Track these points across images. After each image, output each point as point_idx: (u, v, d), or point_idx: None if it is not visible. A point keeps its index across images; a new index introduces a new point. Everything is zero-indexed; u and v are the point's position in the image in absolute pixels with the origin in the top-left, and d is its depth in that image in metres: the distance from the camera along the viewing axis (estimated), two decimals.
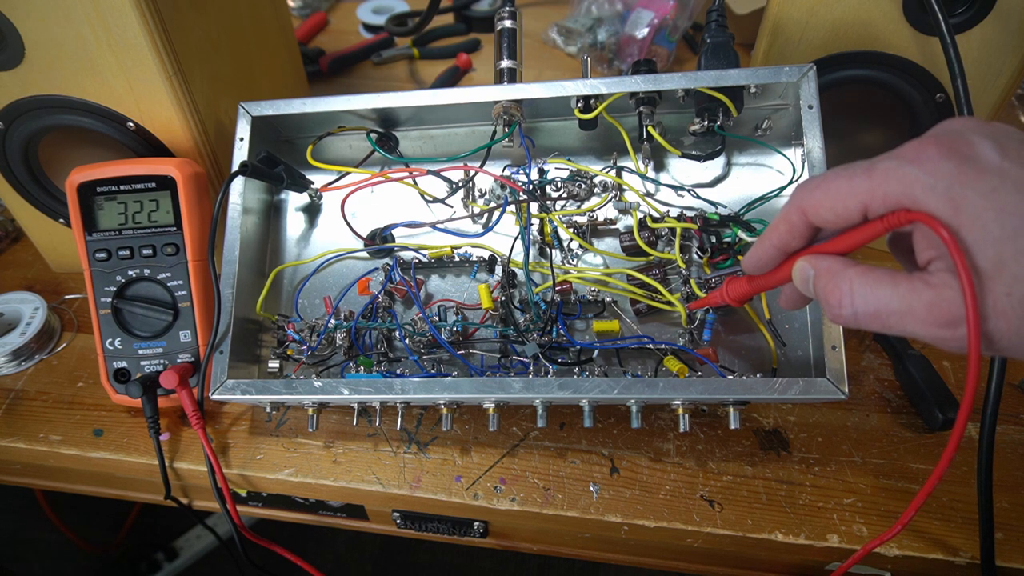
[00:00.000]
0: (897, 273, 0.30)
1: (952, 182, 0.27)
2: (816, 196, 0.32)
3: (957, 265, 0.27)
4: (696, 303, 0.51)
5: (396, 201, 0.61)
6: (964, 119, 0.31)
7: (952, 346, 0.28)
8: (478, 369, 0.54)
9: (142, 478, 0.63)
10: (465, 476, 0.55)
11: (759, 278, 0.40)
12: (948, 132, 0.30)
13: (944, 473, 0.34)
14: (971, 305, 0.26)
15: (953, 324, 0.28)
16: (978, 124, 0.30)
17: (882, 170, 0.29)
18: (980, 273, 0.27)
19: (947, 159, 0.28)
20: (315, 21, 1.09)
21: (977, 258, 0.27)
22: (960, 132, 0.29)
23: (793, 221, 0.34)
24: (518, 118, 0.55)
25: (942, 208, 0.27)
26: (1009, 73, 0.55)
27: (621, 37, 0.95)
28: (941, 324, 0.28)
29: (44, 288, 0.71)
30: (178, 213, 0.56)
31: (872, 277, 0.30)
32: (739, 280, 0.43)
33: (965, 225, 0.27)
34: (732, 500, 0.52)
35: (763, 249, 0.36)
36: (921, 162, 0.28)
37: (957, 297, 0.27)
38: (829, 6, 0.55)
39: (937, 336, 0.29)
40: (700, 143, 0.56)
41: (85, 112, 0.57)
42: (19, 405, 0.61)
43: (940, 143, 0.29)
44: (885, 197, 0.29)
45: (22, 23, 0.52)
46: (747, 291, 0.42)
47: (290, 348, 0.57)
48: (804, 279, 0.34)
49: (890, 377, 0.60)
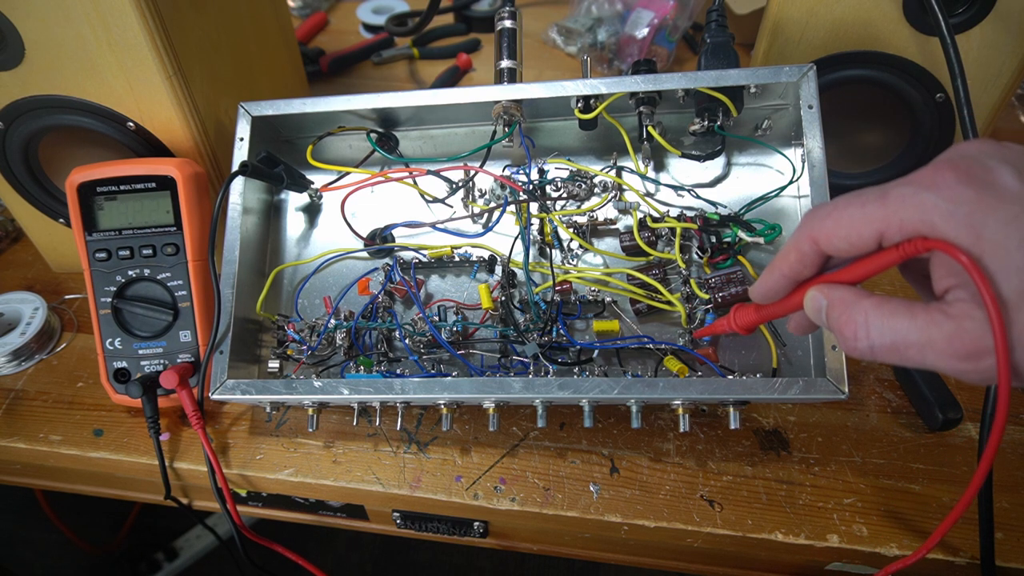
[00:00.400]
0: (914, 304, 0.29)
1: (972, 209, 0.26)
2: (828, 224, 0.31)
3: (983, 294, 0.26)
4: (702, 331, 0.50)
5: (396, 201, 0.61)
6: (979, 142, 0.30)
7: (974, 378, 0.28)
8: (478, 369, 0.54)
9: (142, 478, 0.63)
10: (465, 476, 0.55)
11: (768, 307, 0.38)
12: (964, 157, 0.29)
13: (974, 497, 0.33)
14: (999, 337, 0.25)
15: (976, 356, 0.27)
16: (995, 148, 0.29)
17: (897, 196, 0.28)
18: (1005, 303, 0.26)
19: (966, 185, 0.27)
20: (315, 21, 1.09)
21: (1001, 287, 0.26)
22: (977, 157, 0.28)
23: (804, 250, 0.32)
24: (518, 118, 0.55)
25: (963, 236, 0.26)
26: (1009, 73, 0.55)
27: (621, 37, 0.95)
28: (963, 356, 0.27)
29: (44, 288, 0.71)
30: (178, 213, 0.56)
31: (888, 308, 0.29)
32: (747, 308, 0.41)
33: (987, 253, 0.26)
34: (732, 500, 0.52)
35: (773, 279, 0.35)
36: (939, 188, 0.27)
37: (979, 328, 0.26)
38: (829, 6, 0.55)
39: (958, 369, 0.28)
40: (700, 143, 0.56)
41: (85, 112, 0.57)
42: (19, 405, 0.61)
43: (957, 168, 0.28)
44: (902, 224, 0.28)
45: (22, 23, 0.52)
46: (755, 320, 0.41)
47: (290, 348, 0.57)
48: (816, 309, 0.33)
49: (890, 377, 0.60)
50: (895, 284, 0.65)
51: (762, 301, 0.38)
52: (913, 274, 0.34)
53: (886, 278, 0.66)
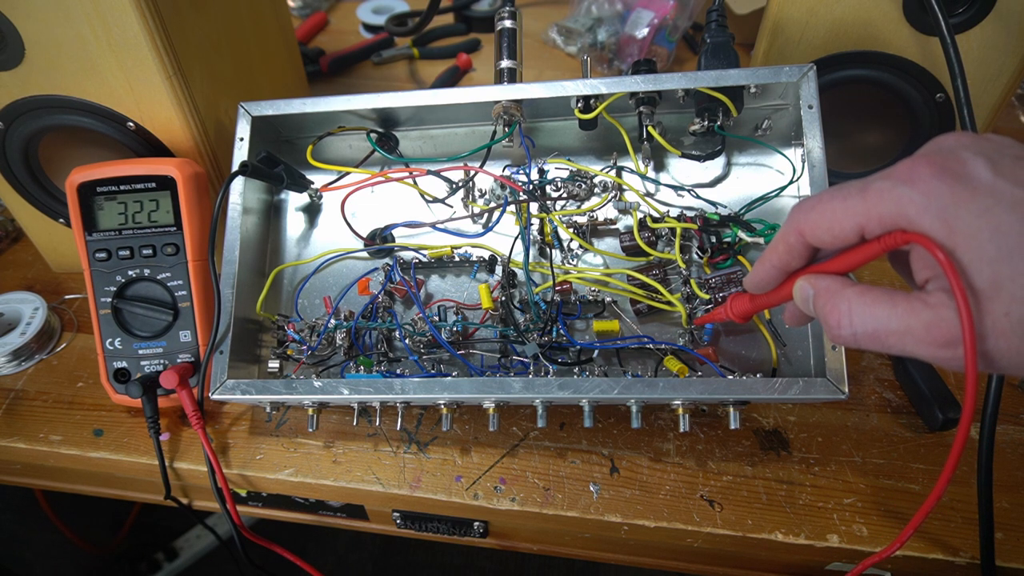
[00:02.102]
0: (895, 293, 0.30)
1: (945, 202, 0.27)
2: (812, 217, 0.32)
3: (953, 286, 0.27)
4: (701, 319, 0.51)
5: (396, 201, 0.61)
6: (957, 135, 0.30)
7: (953, 365, 0.29)
8: (478, 369, 0.54)
9: (142, 478, 0.63)
10: (465, 476, 0.55)
11: (761, 297, 0.40)
12: (940, 150, 0.29)
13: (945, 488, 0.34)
14: (967, 327, 0.26)
15: (953, 344, 0.28)
16: (971, 140, 0.30)
17: (876, 191, 0.29)
18: (977, 293, 0.27)
19: (939, 179, 0.28)
20: (315, 21, 1.09)
21: (974, 278, 0.27)
22: (952, 149, 0.29)
23: (791, 242, 0.34)
24: (518, 118, 0.55)
25: (936, 229, 0.27)
26: (1009, 73, 0.55)
27: (621, 37, 0.95)
28: (940, 344, 0.28)
29: (44, 288, 0.71)
30: (178, 213, 0.56)
31: (870, 297, 0.30)
32: (742, 297, 0.43)
33: (960, 246, 0.27)
34: (732, 500, 0.52)
35: (764, 269, 0.37)
36: (913, 182, 0.28)
37: (955, 317, 0.27)
38: (829, 6, 0.55)
39: (937, 356, 0.29)
40: (700, 143, 0.56)
41: (85, 112, 0.57)
42: (19, 405, 0.61)
43: (932, 162, 0.28)
44: (880, 218, 0.29)
45: (22, 23, 0.52)
46: (750, 309, 0.43)
47: (290, 348, 0.57)
48: (804, 298, 0.34)
49: (890, 377, 0.60)
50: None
51: (755, 291, 0.39)
52: (900, 264, 0.35)
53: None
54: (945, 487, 0.33)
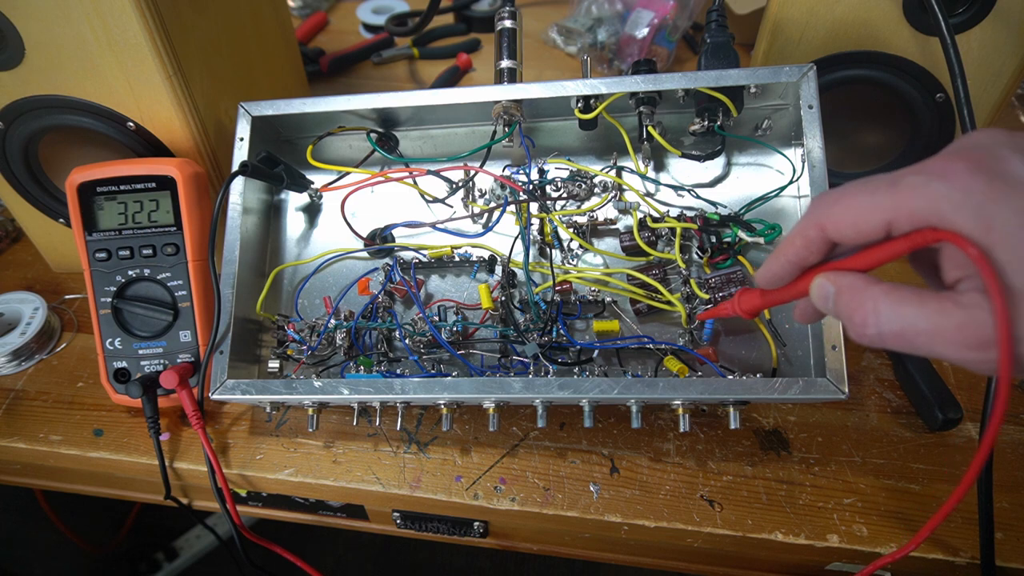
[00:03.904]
0: (924, 292, 0.29)
1: (983, 199, 0.26)
2: (836, 211, 0.30)
3: (989, 286, 0.25)
4: (706, 313, 0.50)
5: (396, 201, 0.61)
6: (992, 131, 0.29)
7: (983, 368, 0.27)
8: (478, 369, 0.54)
9: (142, 478, 0.63)
10: (465, 476, 0.55)
11: (772, 292, 0.38)
12: (976, 146, 0.28)
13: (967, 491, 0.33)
14: (1004, 329, 0.25)
15: (985, 346, 0.26)
16: (1007, 137, 0.28)
17: (908, 185, 0.28)
18: (1014, 294, 0.26)
19: (976, 175, 0.27)
20: (315, 21, 1.09)
21: (1011, 278, 0.26)
22: (989, 146, 0.28)
23: (810, 236, 0.32)
24: (518, 118, 0.55)
25: (972, 227, 0.26)
26: (1009, 73, 0.55)
27: (621, 37, 0.95)
28: (972, 346, 0.27)
29: (44, 288, 0.71)
30: (178, 213, 0.56)
31: (898, 296, 0.29)
32: (752, 292, 0.41)
33: (997, 244, 0.26)
34: (732, 500, 0.52)
35: (778, 264, 0.35)
36: (949, 178, 0.27)
37: (990, 318, 0.26)
38: (829, 6, 0.55)
39: (967, 358, 0.27)
40: (700, 143, 0.56)
41: (85, 112, 0.57)
42: (19, 405, 0.61)
43: (968, 158, 0.27)
44: (911, 214, 0.28)
45: (22, 23, 0.52)
46: (760, 304, 0.41)
47: (290, 348, 0.57)
48: (823, 296, 0.32)
49: (890, 377, 0.60)
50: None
51: (767, 286, 0.37)
52: (921, 263, 0.34)
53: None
54: (968, 488, 0.32)
